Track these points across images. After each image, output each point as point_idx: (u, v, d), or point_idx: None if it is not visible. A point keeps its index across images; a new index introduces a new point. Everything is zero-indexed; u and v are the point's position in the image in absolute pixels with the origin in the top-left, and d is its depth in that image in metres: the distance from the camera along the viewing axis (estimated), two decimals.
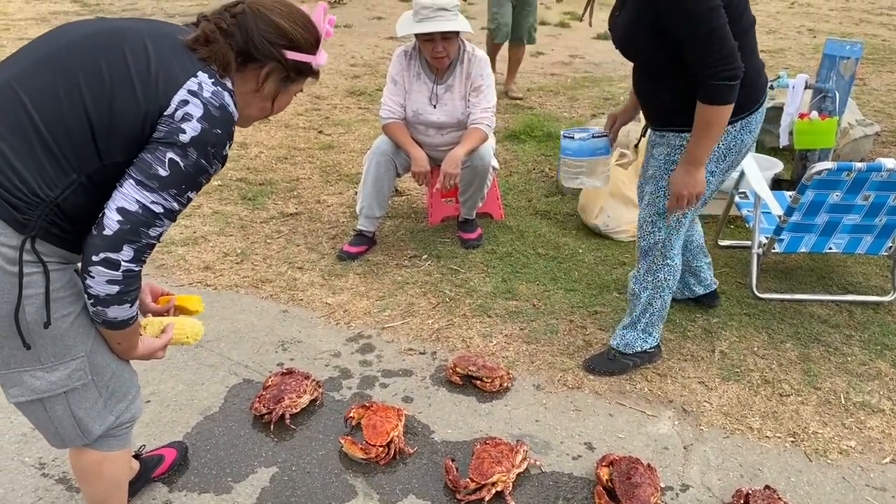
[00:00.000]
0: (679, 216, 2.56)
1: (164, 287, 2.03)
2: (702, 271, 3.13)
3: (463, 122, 3.53)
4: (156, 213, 1.45)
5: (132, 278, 1.47)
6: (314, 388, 2.61)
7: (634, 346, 2.78)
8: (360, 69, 7.55)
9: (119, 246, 1.42)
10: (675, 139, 2.44)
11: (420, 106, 3.53)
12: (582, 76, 7.49)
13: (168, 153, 1.43)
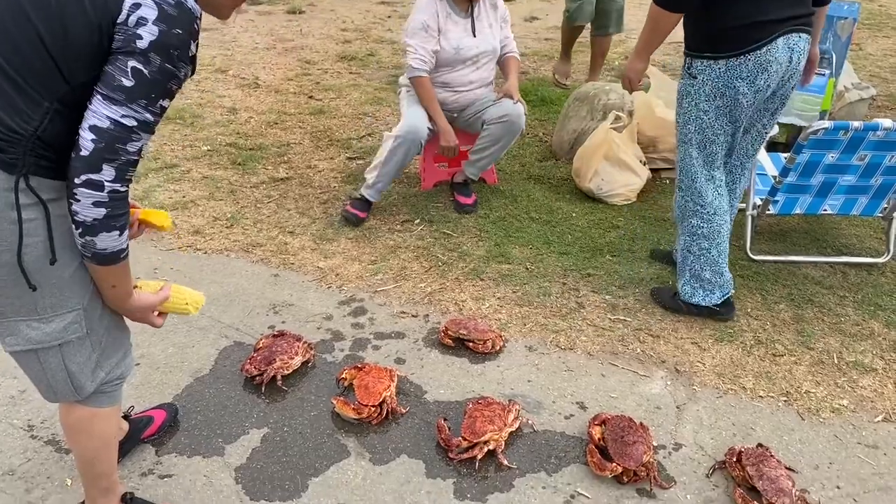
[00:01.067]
0: (695, 157, 2.66)
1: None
2: None
3: (496, 50, 3.62)
4: (129, 127, 1.39)
5: (119, 200, 1.43)
6: (306, 349, 2.60)
7: (692, 298, 2.84)
8: (351, 34, 7.43)
9: (98, 166, 1.38)
10: (684, 69, 2.57)
11: (460, 41, 3.48)
12: (577, 41, 7.37)
13: (129, 62, 1.37)
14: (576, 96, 4.37)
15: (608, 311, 2.94)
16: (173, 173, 4.14)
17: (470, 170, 3.75)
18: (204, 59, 6.38)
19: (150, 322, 1.75)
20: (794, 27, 2.42)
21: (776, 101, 2.60)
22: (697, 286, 2.81)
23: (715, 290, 2.80)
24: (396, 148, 3.43)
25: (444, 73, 3.55)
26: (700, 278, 2.79)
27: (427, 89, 3.46)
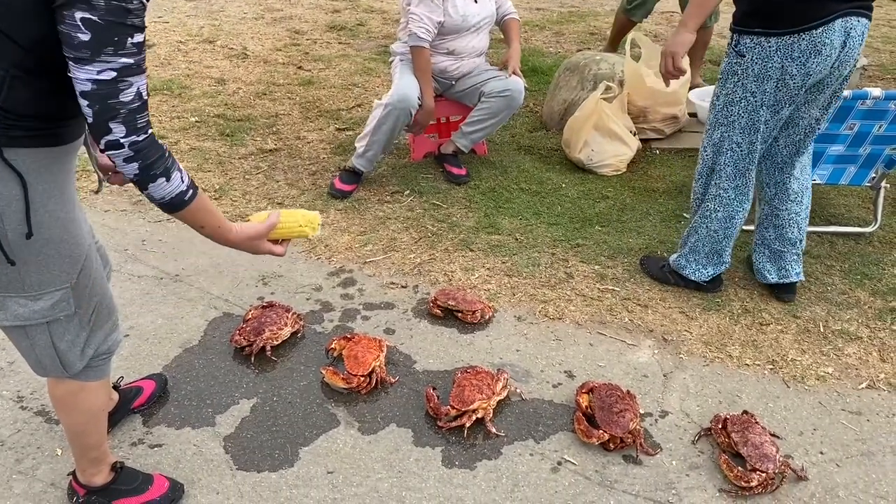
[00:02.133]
0: (736, 144, 2.53)
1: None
2: (784, 255, 2.81)
3: (494, 16, 3.63)
4: (111, 80, 1.33)
5: (145, 149, 1.40)
6: (295, 320, 2.60)
7: (683, 269, 2.83)
8: (341, 3, 7.35)
9: (105, 127, 1.36)
10: (729, 44, 2.44)
11: (465, 8, 3.45)
12: (568, 10, 7.33)
13: (76, 14, 1.28)
14: (566, 66, 4.34)
15: (597, 281, 2.95)
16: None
17: (461, 141, 3.72)
18: (191, 29, 6.31)
19: (271, 251, 1.76)
20: (853, 9, 2.24)
21: (826, 92, 2.42)
22: (692, 259, 2.80)
23: (708, 267, 2.80)
24: (386, 116, 3.40)
25: (450, 40, 3.51)
26: (697, 253, 2.78)
27: (425, 60, 3.42)
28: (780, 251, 2.79)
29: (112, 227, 3.26)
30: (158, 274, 2.94)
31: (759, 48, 2.31)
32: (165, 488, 1.94)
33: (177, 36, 6.13)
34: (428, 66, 3.44)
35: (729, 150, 2.54)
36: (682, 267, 2.83)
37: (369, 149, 3.53)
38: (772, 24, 2.26)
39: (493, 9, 3.57)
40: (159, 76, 5.18)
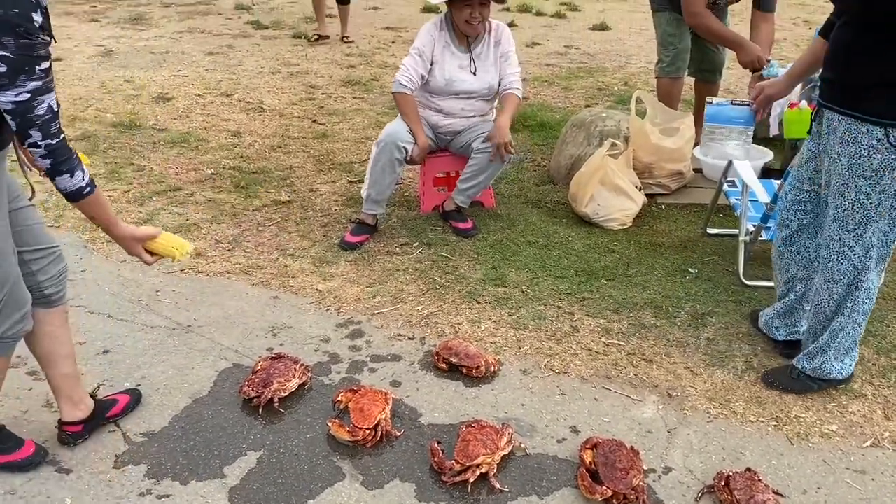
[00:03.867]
0: (882, 233, 2.34)
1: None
2: (797, 313, 2.82)
3: (493, 88, 3.69)
4: (26, 101, 1.74)
5: (57, 150, 1.83)
6: (303, 372, 2.64)
7: (829, 374, 2.60)
8: (356, 59, 7.54)
9: (26, 134, 1.79)
10: (864, 136, 2.20)
11: (453, 74, 3.59)
12: (577, 66, 7.49)
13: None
14: (573, 122, 4.44)
15: (602, 335, 2.98)
16: (177, 196, 4.21)
17: (459, 198, 3.82)
18: (210, 82, 6.50)
19: (140, 255, 2.14)
20: None
21: None
22: (837, 359, 2.58)
23: (846, 359, 2.60)
24: (380, 153, 3.56)
25: (438, 98, 3.67)
26: (841, 351, 2.57)
27: (407, 104, 3.58)
28: (794, 309, 2.82)
29: (127, 277, 3.34)
30: (171, 325, 3.00)
31: None
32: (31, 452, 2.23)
33: (195, 89, 6.31)
34: (412, 109, 3.58)
35: (878, 242, 2.37)
36: (829, 371, 2.59)
37: (370, 188, 3.65)
38: None
39: (492, 83, 3.67)
40: (177, 129, 5.33)
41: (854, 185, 2.28)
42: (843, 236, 2.38)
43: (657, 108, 4.24)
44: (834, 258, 2.44)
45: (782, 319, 2.85)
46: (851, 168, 2.27)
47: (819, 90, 2.44)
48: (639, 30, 9.35)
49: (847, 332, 2.54)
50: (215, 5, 10.29)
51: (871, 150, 2.21)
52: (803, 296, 2.79)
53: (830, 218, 2.41)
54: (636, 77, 7.07)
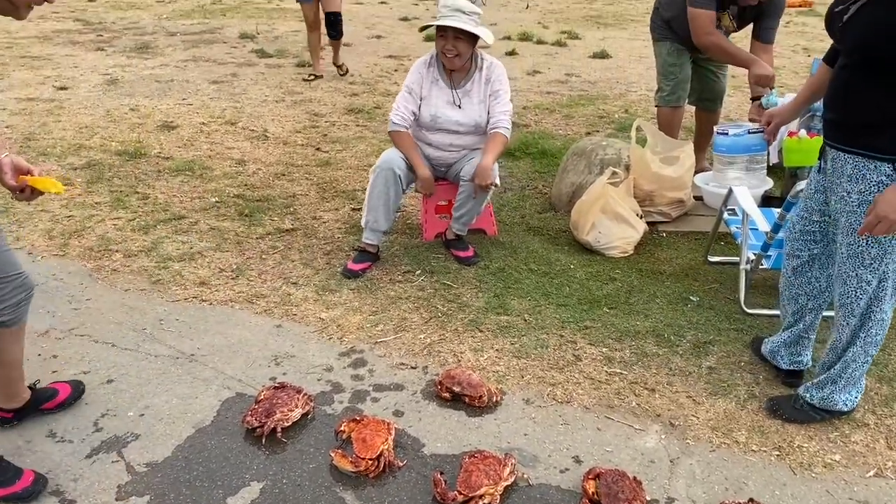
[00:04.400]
0: (895, 265, 2.34)
1: None
2: (802, 342, 2.85)
3: (480, 125, 3.69)
4: None
5: None
6: (306, 402, 2.65)
7: (835, 405, 2.61)
8: (359, 87, 7.63)
9: None
10: (873, 172, 2.22)
11: (439, 109, 3.66)
12: (577, 94, 7.56)
13: None
14: (574, 151, 4.48)
15: (605, 364, 2.99)
16: (181, 224, 4.24)
17: (455, 226, 3.86)
18: (214, 111, 6.57)
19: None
20: None
21: None
22: (844, 390, 2.59)
23: (853, 391, 2.62)
24: (376, 179, 3.63)
25: (427, 133, 3.73)
26: (850, 382, 2.58)
27: (402, 140, 3.66)
28: (800, 338, 2.83)
29: (131, 306, 3.36)
30: (175, 353, 3.01)
31: None
32: (30, 481, 2.24)
33: (200, 118, 6.37)
34: (408, 145, 3.66)
35: (892, 273, 2.37)
36: (835, 402, 2.60)
37: (369, 214, 3.69)
38: None
39: (478, 119, 3.68)
40: (182, 157, 5.37)
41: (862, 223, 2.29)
42: (861, 272, 2.38)
43: (657, 137, 4.28)
44: (852, 294, 2.43)
45: (788, 348, 2.86)
46: (863, 205, 2.28)
47: (823, 130, 2.47)
48: (639, 57, 9.46)
49: (858, 364, 2.54)
50: (220, 34, 10.43)
51: (880, 185, 2.23)
52: (811, 326, 2.80)
53: (844, 255, 2.41)
54: (637, 105, 7.13)
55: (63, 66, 8.14)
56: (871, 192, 2.24)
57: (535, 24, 12.22)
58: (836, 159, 2.35)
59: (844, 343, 2.52)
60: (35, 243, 3.93)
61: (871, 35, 2.13)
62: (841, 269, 2.44)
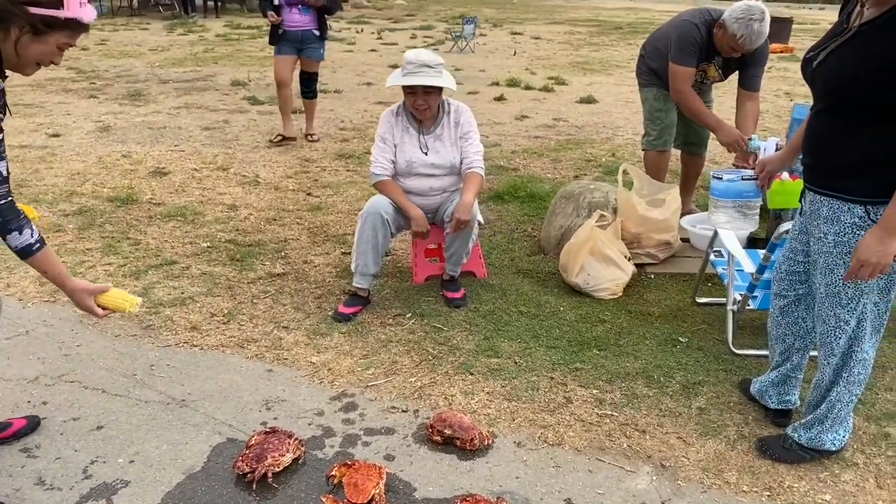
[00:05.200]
0: (874, 304, 2.41)
1: None
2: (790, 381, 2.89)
3: (455, 166, 3.76)
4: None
5: (5, 211, 2.10)
6: (297, 446, 2.64)
7: (823, 444, 2.64)
8: (349, 133, 7.73)
9: None
10: (847, 214, 2.30)
11: (412, 155, 3.73)
12: (565, 139, 7.69)
13: None
14: (562, 194, 4.55)
15: (595, 406, 3.00)
16: (173, 270, 4.26)
17: (448, 267, 3.90)
18: (206, 157, 6.63)
19: (91, 308, 2.29)
20: None
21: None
22: (831, 430, 2.63)
23: (840, 430, 2.65)
24: (363, 225, 3.68)
25: (405, 180, 3.79)
26: (838, 421, 2.62)
27: (387, 187, 3.73)
28: (788, 378, 2.86)
29: (122, 352, 3.35)
30: (165, 399, 3.00)
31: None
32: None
33: (192, 164, 6.43)
34: (393, 190, 3.72)
35: (871, 313, 2.43)
36: (822, 442, 2.64)
37: (358, 259, 3.72)
38: None
39: (450, 160, 3.75)
40: (174, 203, 5.41)
41: (842, 261, 2.35)
42: (838, 311, 2.43)
43: (644, 181, 4.36)
44: (831, 333, 2.48)
45: (776, 388, 2.89)
46: (838, 246, 2.34)
47: (802, 173, 2.54)
48: (624, 102, 9.64)
49: (844, 403, 2.57)
50: (212, 81, 10.57)
51: (854, 227, 2.29)
52: (798, 365, 2.83)
53: (823, 295, 2.47)
54: (623, 149, 7.26)
55: (56, 114, 8.22)
56: (845, 233, 2.30)
57: (523, 70, 12.46)
58: (814, 202, 2.41)
59: (828, 382, 2.55)
60: (26, 289, 3.93)
61: (840, 80, 2.22)
62: (820, 309, 2.48)
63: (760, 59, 4.34)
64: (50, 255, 2.22)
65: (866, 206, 2.25)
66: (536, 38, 17.86)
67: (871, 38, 2.14)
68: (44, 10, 2.01)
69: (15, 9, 1.98)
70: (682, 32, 4.22)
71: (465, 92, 9.86)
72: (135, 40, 15.52)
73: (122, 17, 20.88)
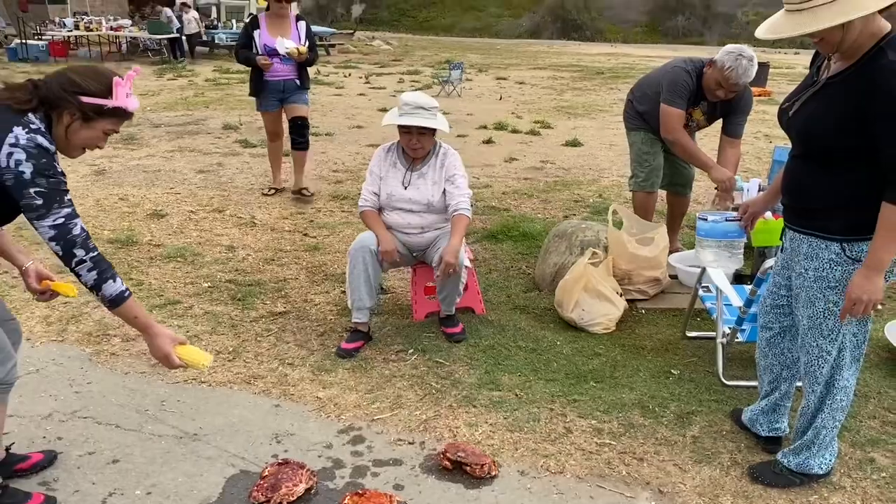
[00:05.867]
0: (852, 335, 2.57)
1: None
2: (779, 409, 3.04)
3: (433, 204, 3.90)
4: (62, 223, 2.21)
5: (98, 261, 2.28)
6: (309, 476, 2.73)
7: (811, 469, 2.77)
8: (343, 175, 7.90)
9: (71, 253, 2.23)
10: (825, 251, 2.46)
11: (393, 189, 3.92)
12: (553, 180, 7.90)
13: (29, 189, 2.16)
14: (555, 233, 4.72)
15: (594, 436, 3.12)
16: (176, 309, 4.35)
17: (443, 306, 4.04)
18: (202, 199, 6.76)
19: (169, 354, 2.40)
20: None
21: None
22: (818, 455, 2.77)
23: (826, 454, 2.79)
24: (352, 261, 3.84)
25: (387, 214, 3.98)
26: (824, 447, 2.76)
27: (367, 217, 3.98)
28: (777, 406, 3.01)
29: (132, 388, 3.44)
30: (178, 433, 3.09)
31: None
32: (41, 501, 2.54)
33: (188, 206, 6.55)
34: (372, 220, 3.93)
35: (850, 343, 2.58)
36: (810, 467, 2.78)
37: (353, 294, 3.86)
38: None
39: (429, 198, 3.89)
40: (172, 244, 5.52)
41: (822, 295, 2.52)
42: (820, 342, 2.60)
43: (632, 220, 4.54)
44: (815, 363, 2.64)
45: (766, 416, 3.03)
46: (818, 280, 2.52)
47: (783, 212, 2.73)
48: (609, 145, 9.91)
49: (828, 429, 2.72)
50: (204, 125, 10.74)
51: (832, 262, 2.47)
52: (786, 394, 2.98)
53: (805, 327, 2.63)
54: (609, 189, 7.47)
55: None
56: (824, 268, 2.48)
57: (510, 114, 12.76)
58: (794, 239, 2.60)
59: (813, 410, 2.70)
60: (33, 329, 4.01)
61: (812, 129, 2.43)
62: (804, 340, 2.64)
63: (745, 108, 4.58)
64: (137, 301, 2.39)
65: (842, 243, 2.43)
66: (521, 83, 18.27)
67: (838, 91, 2.35)
68: (94, 100, 2.26)
69: (69, 97, 2.24)
70: (674, 77, 4.46)
71: (454, 135, 10.09)
72: None
73: (111, 62, 21.12)
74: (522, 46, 35.86)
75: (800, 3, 2.23)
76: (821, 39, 2.29)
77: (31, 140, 2.16)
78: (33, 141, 2.16)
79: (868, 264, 2.35)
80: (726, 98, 4.41)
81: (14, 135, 2.14)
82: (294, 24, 6.47)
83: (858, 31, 2.25)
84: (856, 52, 2.30)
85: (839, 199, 2.42)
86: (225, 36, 24.35)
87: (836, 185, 2.42)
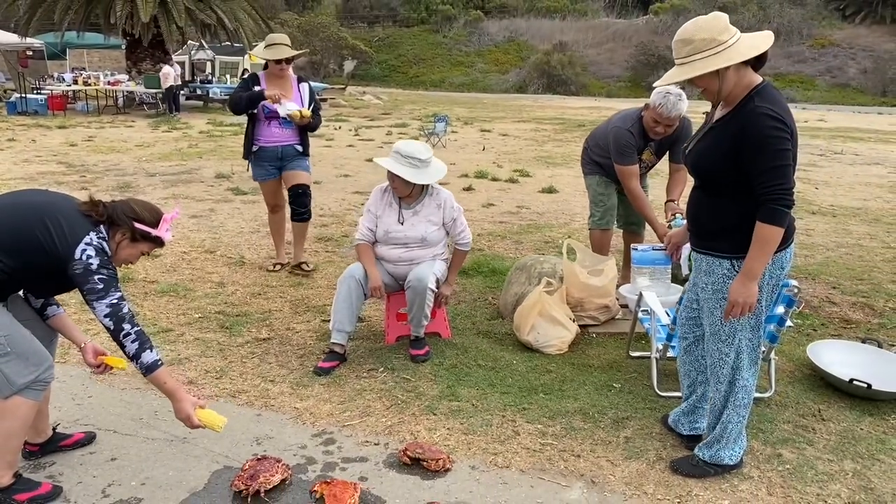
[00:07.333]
0: (747, 339, 2.99)
1: None
2: (698, 411, 3.43)
3: (427, 239, 4.37)
4: (115, 303, 2.78)
5: (140, 335, 2.83)
6: (284, 469, 3.12)
7: (723, 460, 3.16)
8: (328, 219, 8.37)
9: (121, 329, 2.80)
10: (718, 268, 2.92)
11: (389, 226, 4.38)
12: (527, 223, 8.39)
13: (94, 277, 2.74)
14: (517, 266, 5.18)
15: (539, 437, 3.52)
16: (169, 336, 4.76)
17: (413, 329, 4.46)
18: (194, 241, 7.20)
19: (190, 415, 2.92)
20: None
21: None
22: (727, 447, 3.14)
23: (736, 448, 3.16)
24: (340, 287, 4.32)
25: (381, 248, 4.44)
26: (731, 440, 3.13)
27: (360, 251, 4.44)
28: (695, 408, 3.43)
29: (128, 401, 3.83)
30: (169, 437, 3.47)
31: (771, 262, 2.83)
32: (50, 489, 2.95)
33: (181, 247, 6.99)
34: (365, 255, 4.39)
35: (746, 347, 3.00)
36: (722, 458, 3.15)
37: (335, 316, 4.32)
38: (787, 241, 2.86)
39: (424, 234, 4.35)
40: (166, 280, 5.94)
41: (719, 305, 2.99)
42: (720, 346, 3.06)
43: (585, 254, 5.01)
44: (717, 364, 3.10)
45: (686, 417, 3.44)
46: (715, 293, 2.98)
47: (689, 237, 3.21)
48: (582, 192, 10.35)
49: (734, 424, 3.15)
50: (197, 174, 11.24)
51: (725, 277, 2.94)
52: (703, 396, 3.40)
53: (708, 334, 3.10)
54: (579, 232, 7.96)
55: None
56: (719, 283, 2.95)
57: (491, 163, 13.34)
58: (696, 258, 3.07)
59: (720, 407, 3.13)
60: None
61: (702, 164, 2.92)
62: (708, 345, 3.09)
63: (685, 136, 5.07)
64: (167, 370, 2.94)
65: (732, 260, 2.91)
66: (504, 135, 18.97)
67: (720, 132, 2.85)
68: (144, 227, 2.93)
69: (127, 220, 2.91)
70: (616, 138, 4.96)
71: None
72: (121, 136, 16.29)
73: (107, 115, 21.79)
74: (508, 100, 36.92)
75: (683, 57, 2.76)
76: (704, 89, 2.80)
77: (99, 243, 2.79)
78: (101, 244, 2.80)
79: (744, 272, 2.82)
80: (667, 133, 4.91)
81: (90, 237, 2.77)
82: (296, 86, 5.93)
83: (733, 83, 2.76)
84: (734, 100, 2.81)
85: (728, 222, 2.90)
86: (219, 91, 25.15)
87: (725, 211, 2.90)
